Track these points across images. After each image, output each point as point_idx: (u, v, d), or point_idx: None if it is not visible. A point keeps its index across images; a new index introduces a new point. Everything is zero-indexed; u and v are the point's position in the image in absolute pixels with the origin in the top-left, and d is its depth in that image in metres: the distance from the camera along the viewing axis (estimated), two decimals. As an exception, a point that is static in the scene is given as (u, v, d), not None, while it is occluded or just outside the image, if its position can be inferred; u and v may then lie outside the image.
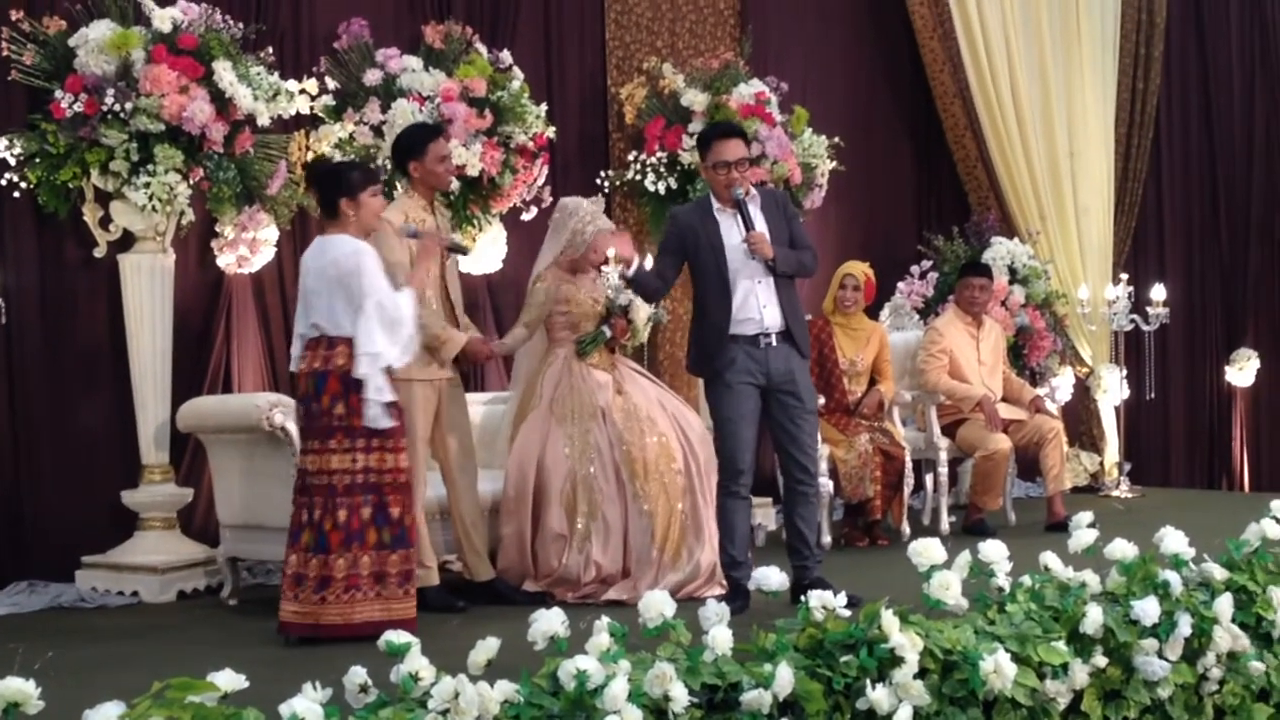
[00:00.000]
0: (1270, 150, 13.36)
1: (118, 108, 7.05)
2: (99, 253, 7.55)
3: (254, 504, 7.10)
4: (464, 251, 7.17)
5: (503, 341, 7.45)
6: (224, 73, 7.25)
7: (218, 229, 7.74)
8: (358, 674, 4.42)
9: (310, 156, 8.17)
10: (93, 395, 7.76)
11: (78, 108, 7.06)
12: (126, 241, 7.53)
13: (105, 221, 7.48)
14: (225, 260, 7.83)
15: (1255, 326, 13.36)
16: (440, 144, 7.05)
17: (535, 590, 7.00)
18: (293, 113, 7.83)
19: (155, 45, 7.18)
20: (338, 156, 8.06)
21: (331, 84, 8.17)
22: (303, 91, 7.91)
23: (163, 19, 7.26)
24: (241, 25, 7.59)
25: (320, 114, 8.14)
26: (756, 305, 6.62)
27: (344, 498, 6.06)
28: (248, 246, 7.77)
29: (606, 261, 7.16)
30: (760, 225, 6.65)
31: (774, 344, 6.64)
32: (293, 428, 6.82)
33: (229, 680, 4.10)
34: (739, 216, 6.61)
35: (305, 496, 6.14)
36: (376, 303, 6.03)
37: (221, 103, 7.26)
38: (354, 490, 6.08)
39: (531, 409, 7.25)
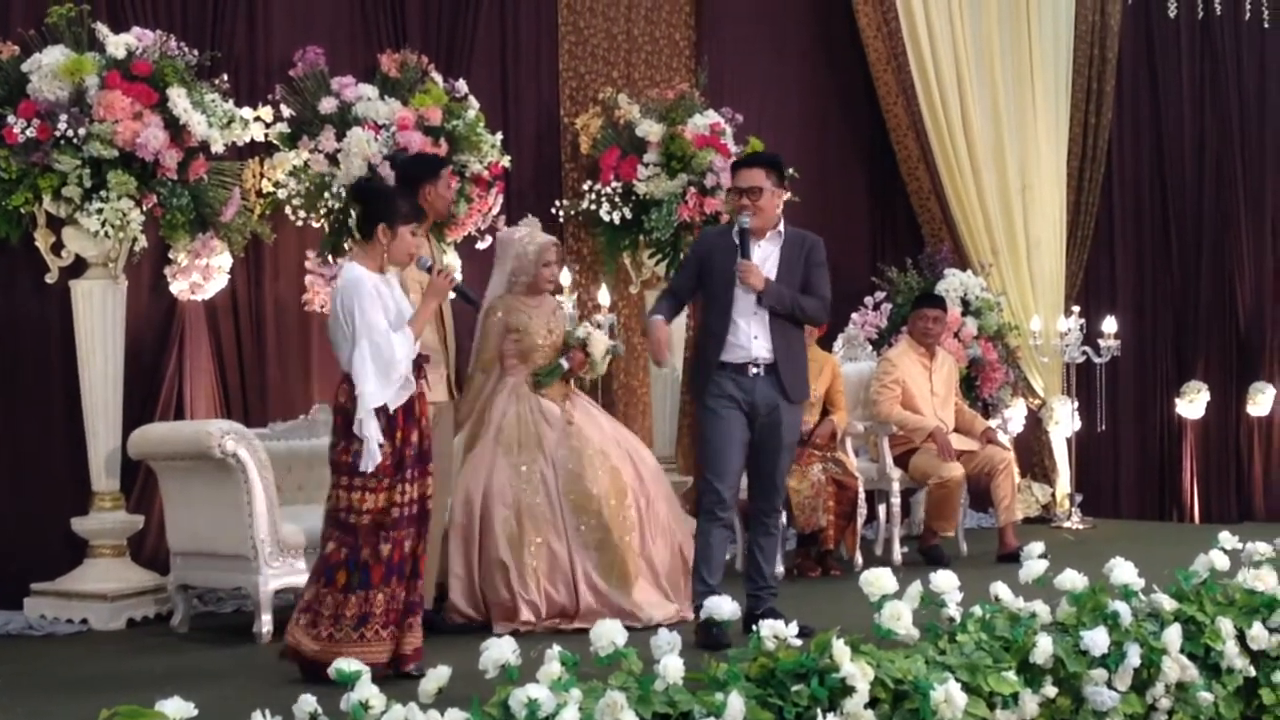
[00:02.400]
0: (1221, 184, 13.47)
1: (71, 133, 7.02)
2: (51, 278, 7.51)
3: (205, 531, 7.06)
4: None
5: (461, 411, 7.32)
6: (178, 99, 7.23)
7: (171, 256, 7.70)
8: (307, 702, 4.40)
9: (264, 184, 8.16)
10: (43, 421, 7.71)
11: (30, 133, 7.03)
12: (79, 267, 7.49)
13: (57, 247, 7.44)
14: (178, 287, 7.80)
15: (1205, 359, 13.45)
16: (450, 174, 7.12)
17: (471, 622, 6.96)
18: (247, 140, 7.81)
19: (109, 71, 7.16)
20: (292, 184, 8.06)
21: (286, 112, 8.16)
22: (257, 119, 7.90)
23: (117, 45, 7.24)
24: (196, 52, 7.59)
25: (275, 141, 8.12)
26: (748, 334, 6.62)
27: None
28: (201, 273, 7.74)
29: (562, 290, 7.16)
30: (766, 260, 6.67)
31: (761, 374, 6.63)
32: (245, 455, 6.81)
33: (178, 709, 4.08)
34: (739, 245, 6.62)
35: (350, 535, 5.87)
36: (371, 342, 5.80)
37: (175, 129, 7.23)
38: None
39: (480, 437, 7.24)
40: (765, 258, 6.71)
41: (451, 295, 6.52)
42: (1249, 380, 13.35)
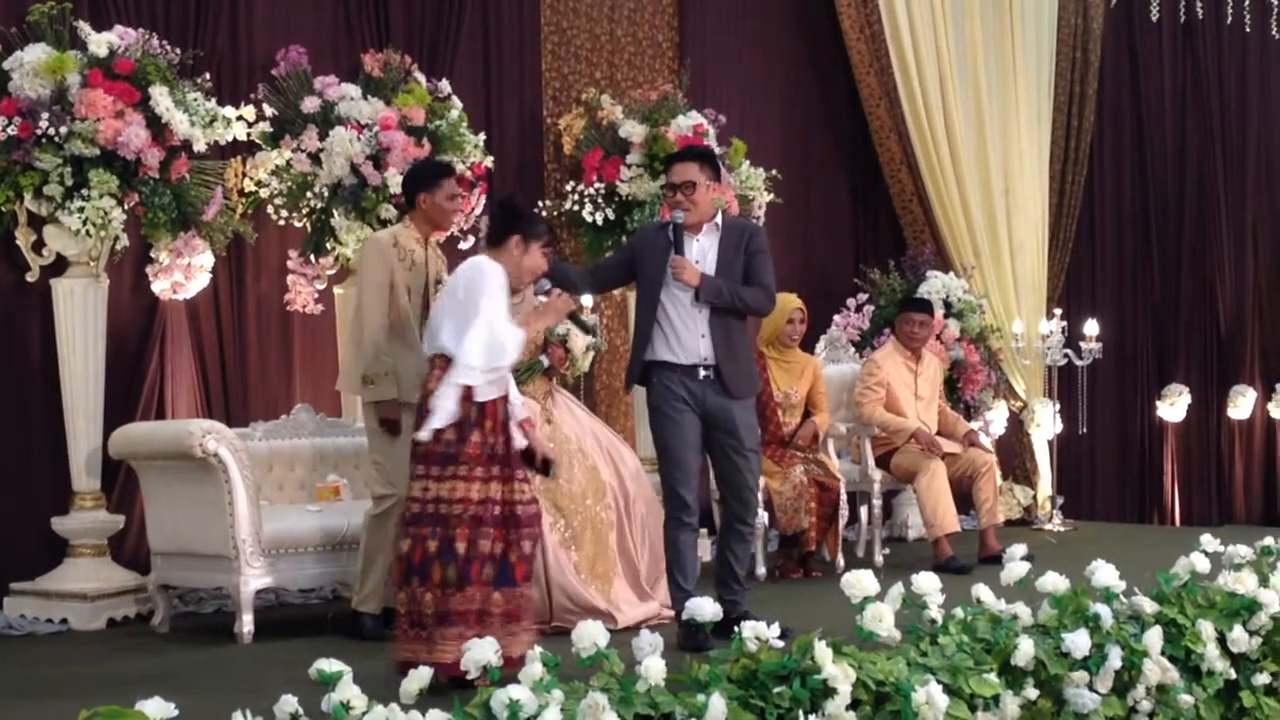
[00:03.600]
0: (1202, 188, 13.50)
1: (52, 132, 7.01)
2: (32, 277, 7.49)
3: (186, 531, 7.04)
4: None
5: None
6: (160, 98, 7.21)
7: (153, 255, 7.69)
8: (288, 703, 4.39)
9: (246, 183, 8.14)
10: (24, 420, 7.69)
11: (11, 131, 7.02)
12: (60, 266, 7.47)
13: (38, 246, 7.43)
14: (160, 286, 7.78)
15: (1186, 362, 13.48)
16: (453, 184, 7.04)
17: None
18: (229, 139, 7.79)
19: (91, 70, 7.15)
20: (274, 184, 8.05)
21: (269, 111, 8.14)
22: (240, 118, 7.88)
23: (99, 43, 7.22)
24: (179, 51, 7.58)
25: (257, 140, 8.11)
26: (694, 334, 6.55)
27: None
28: (183, 272, 7.72)
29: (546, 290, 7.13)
30: (706, 254, 6.59)
31: (711, 377, 6.56)
32: (226, 454, 6.79)
33: (158, 709, 4.06)
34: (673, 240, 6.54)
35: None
36: (490, 325, 5.74)
37: (157, 128, 7.22)
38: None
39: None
40: (704, 253, 6.61)
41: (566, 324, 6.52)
42: (1229, 383, 13.39)
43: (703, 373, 6.56)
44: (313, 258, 8.21)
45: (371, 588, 6.86)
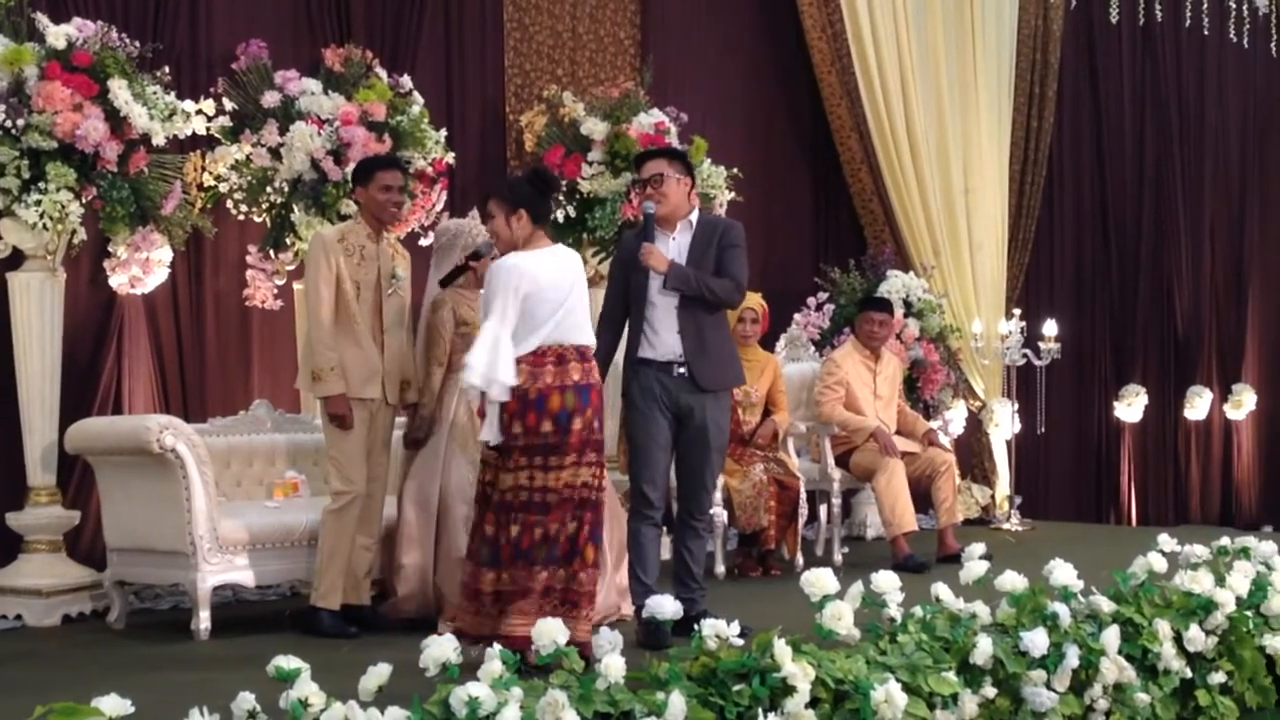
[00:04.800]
0: (1160, 188, 13.57)
1: (9, 124, 6.95)
2: (-12, 271, 7.45)
3: (142, 527, 7.00)
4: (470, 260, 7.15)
5: (422, 409, 7.22)
6: (119, 91, 7.17)
7: (110, 249, 7.65)
8: (246, 700, 4.38)
9: (206, 178, 8.10)
10: (-22, 415, 7.64)
11: (-32, 123, 6.97)
12: (16, 260, 7.42)
13: (-6, 239, 7.38)
14: (118, 280, 7.74)
15: (1143, 363, 13.55)
16: (389, 175, 7.04)
17: (416, 620, 6.91)
18: (189, 133, 7.76)
19: (49, 62, 7.10)
20: (233, 178, 8.02)
21: (229, 105, 8.11)
22: (199, 112, 7.85)
23: (57, 35, 7.17)
24: (138, 44, 7.53)
25: (217, 135, 8.07)
26: (670, 329, 6.63)
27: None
28: (141, 267, 7.68)
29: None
30: (678, 251, 6.67)
31: (685, 374, 6.62)
32: (184, 450, 6.76)
33: (115, 706, 4.04)
34: (645, 232, 6.64)
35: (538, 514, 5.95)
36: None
37: (116, 121, 7.18)
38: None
39: (431, 434, 7.17)
40: (680, 249, 6.71)
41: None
42: (1186, 384, 13.45)
43: (677, 369, 6.63)
44: (272, 253, 8.18)
45: (329, 584, 6.84)
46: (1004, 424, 11.95)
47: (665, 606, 5.48)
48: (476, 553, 5.96)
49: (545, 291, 5.97)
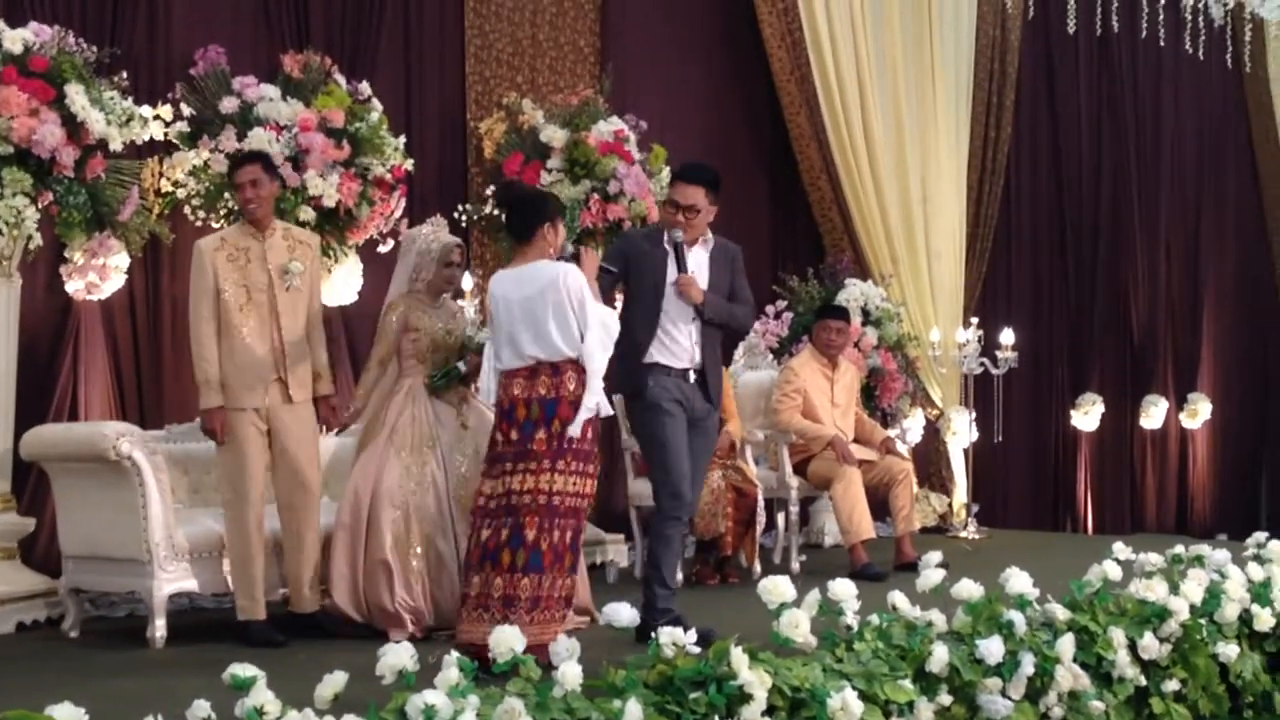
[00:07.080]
0: (1117, 198, 13.67)
1: (-35, 129, 6.92)
2: (-57, 276, 7.39)
3: (98, 535, 6.97)
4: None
5: (355, 402, 7.27)
6: (76, 96, 7.13)
7: (67, 254, 7.60)
8: (201, 708, 4.36)
9: (163, 183, 8.07)
10: (-67, 421, 7.58)
11: (-76, 128, 6.93)
12: (-29, 265, 7.39)
13: (-50, 244, 7.33)
14: (74, 286, 7.70)
15: (1100, 372, 13.64)
16: (244, 170, 6.97)
17: (362, 624, 6.91)
18: (146, 139, 7.71)
19: (5, 66, 7.05)
20: (191, 184, 7.99)
21: (186, 111, 8.08)
22: (157, 117, 7.81)
23: (14, 40, 7.13)
24: (95, 49, 7.49)
25: (175, 140, 8.04)
26: (690, 340, 6.70)
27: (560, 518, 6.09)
28: (97, 273, 7.64)
29: (464, 294, 7.12)
30: (699, 268, 6.76)
31: (698, 382, 6.72)
32: (140, 457, 6.72)
33: (68, 714, 4.02)
34: (673, 256, 6.71)
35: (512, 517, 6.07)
36: (604, 324, 6.15)
37: (73, 126, 7.14)
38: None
39: (374, 437, 7.17)
40: (697, 265, 6.79)
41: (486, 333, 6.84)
42: (1142, 393, 13.57)
43: (693, 376, 6.72)
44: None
45: (245, 594, 6.83)
46: (961, 432, 11.98)
47: (622, 614, 5.45)
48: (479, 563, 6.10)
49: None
